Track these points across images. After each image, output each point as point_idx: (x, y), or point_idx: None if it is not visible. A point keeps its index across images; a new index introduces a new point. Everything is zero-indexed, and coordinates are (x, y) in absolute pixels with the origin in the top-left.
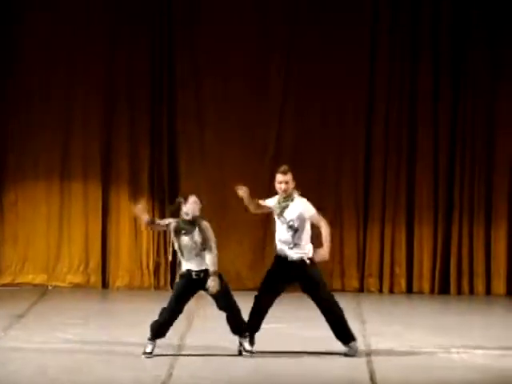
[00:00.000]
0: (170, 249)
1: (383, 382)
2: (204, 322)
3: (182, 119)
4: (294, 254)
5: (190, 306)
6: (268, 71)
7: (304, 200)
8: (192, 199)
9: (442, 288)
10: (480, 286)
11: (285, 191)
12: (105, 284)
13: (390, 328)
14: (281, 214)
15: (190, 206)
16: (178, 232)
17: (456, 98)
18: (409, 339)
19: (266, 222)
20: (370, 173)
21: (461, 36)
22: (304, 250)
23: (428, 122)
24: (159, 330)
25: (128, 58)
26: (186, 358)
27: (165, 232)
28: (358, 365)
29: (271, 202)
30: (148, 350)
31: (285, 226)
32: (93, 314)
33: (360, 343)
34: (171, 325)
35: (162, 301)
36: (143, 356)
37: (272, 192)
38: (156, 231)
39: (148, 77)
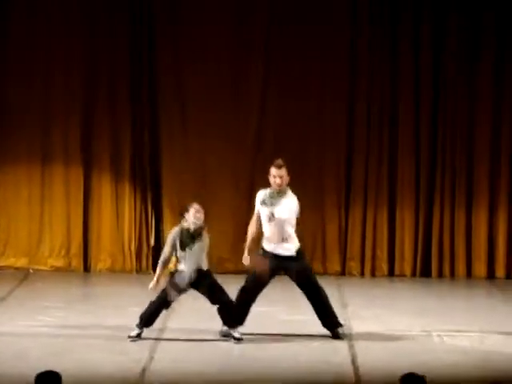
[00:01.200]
0: (152, 233)
1: (365, 366)
2: (186, 306)
3: (163, 105)
4: (282, 250)
5: None
6: (249, 58)
7: (295, 198)
8: (195, 208)
9: (424, 271)
10: (461, 269)
11: (279, 186)
12: (86, 268)
13: (372, 311)
14: (271, 210)
15: (197, 215)
16: (181, 245)
17: (436, 83)
18: (390, 322)
19: (249, 208)
20: (352, 157)
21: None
22: (292, 244)
23: (410, 106)
24: (148, 319)
25: (109, 44)
26: (168, 341)
27: (146, 216)
28: (339, 349)
29: (260, 195)
30: (133, 334)
31: (273, 221)
32: (74, 298)
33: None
34: (159, 315)
35: (144, 284)
36: (128, 339)
37: (253, 180)
38: (138, 216)
39: (129, 63)
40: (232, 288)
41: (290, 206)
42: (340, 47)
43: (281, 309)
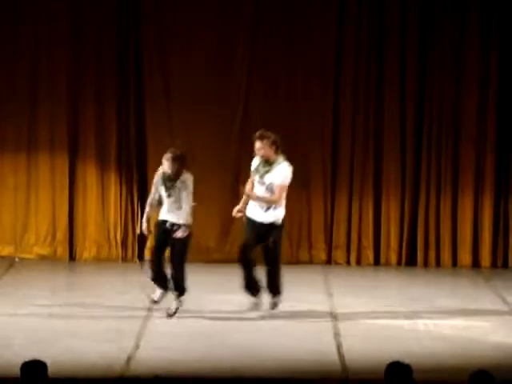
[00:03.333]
0: (138, 221)
1: (350, 354)
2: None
3: (149, 93)
4: (266, 217)
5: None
6: (235, 45)
7: (287, 168)
8: (164, 157)
9: (409, 260)
10: (446, 257)
11: (263, 157)
12: (72, 256)
13: (358, 300)
14: (261, 177)
15: (165, 165)
16: (161, 183)
17: (422, 71)
18: (376, 311)
19: (234, 198)
20: (338, 145)
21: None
22: (276, 214)
23: (395, 94)
24: (157, 281)
25: (95, 31)
26: (153, 329)
27: (132, 204)
28: (324, 337)
29: (254, 163)
30: (155, 297)
31: (263, 188)
32: (60, 286)
33: (327, 315)
34: (162, 273)
35: (130, 273)
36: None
37: (240, 169)
38: (124, 204)
39: (115, 51)
40: (219, 278)
41: (279, 174)
42: (326, 28)
43: (264, 297)
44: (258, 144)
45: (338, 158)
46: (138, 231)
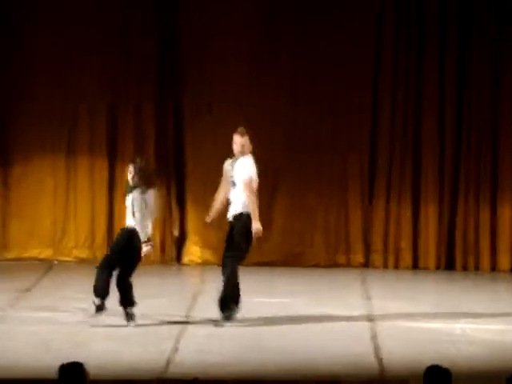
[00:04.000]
0: (176, 224)
1: (388, 358)
2: (209, 297)
3: (188, 100)
4: (231, 212)
5: (195, 280)
6: (276, 53)
7: (248, 161)
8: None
9: (448, 264)
10: (485, 262)
11: (239, 152)
12: None
13: (395, 303)
14: (231, 174)
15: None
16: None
17: (461, 79)
18: (414, 315)
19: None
20: (376, 150)
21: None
22: (239, 207)
23: (434, 101)
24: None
25: (135, 43)
26: (192, 331)
27: (170, 207)
28: (362, 340)
29: (226, 164)
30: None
31: (231, 183)
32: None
33: (364, 318)
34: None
35: (169, 275)
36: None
37: (279, 175)
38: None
39: (156, 61)
40: (255, 281)
41: (239, 168)
42: (366, 34)
43: (301, 300)
44: (238, 139)
45: (376, 160)
46: (175, 234)
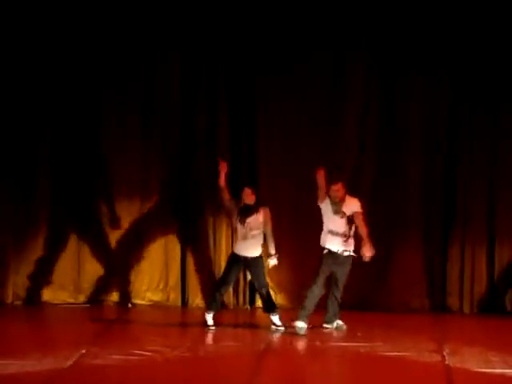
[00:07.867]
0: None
1: None
2: None
3: (262, 142)
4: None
5: None
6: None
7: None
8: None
9: None
10: None
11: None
12: (184, 302)
13: (471, 348)
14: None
15: None
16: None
17: None
18: (490, 360)
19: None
20: (452, 190)
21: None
22: None
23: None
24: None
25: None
26: (267, 366)
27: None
28: None
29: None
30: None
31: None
32: (172, 332)
33: (439, 364)
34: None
35: (242, 318)
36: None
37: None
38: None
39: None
40: None
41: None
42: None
43: (379, 344)
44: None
45: (450, 199)
46: (248, 278)
